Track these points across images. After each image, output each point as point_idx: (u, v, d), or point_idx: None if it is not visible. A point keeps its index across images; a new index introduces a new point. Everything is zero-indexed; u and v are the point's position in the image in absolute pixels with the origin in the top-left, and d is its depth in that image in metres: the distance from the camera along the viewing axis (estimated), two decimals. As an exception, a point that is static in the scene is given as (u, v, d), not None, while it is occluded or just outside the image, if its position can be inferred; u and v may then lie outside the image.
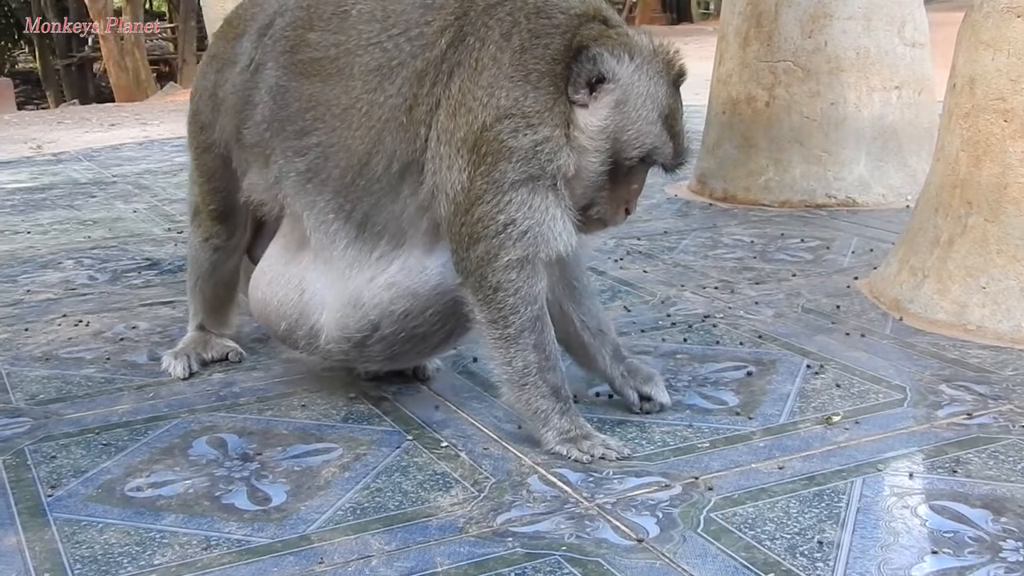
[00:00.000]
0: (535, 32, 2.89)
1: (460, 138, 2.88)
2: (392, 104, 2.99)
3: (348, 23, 3.12)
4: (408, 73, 2.97)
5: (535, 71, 2.87)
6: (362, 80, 3.04)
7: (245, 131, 3.31)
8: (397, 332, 3.09)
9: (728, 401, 3.31)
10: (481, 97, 2.86)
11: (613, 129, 2.88)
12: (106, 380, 3.67)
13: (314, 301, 3.22)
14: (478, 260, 2.90)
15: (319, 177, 3.13)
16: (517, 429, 3.11)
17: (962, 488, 2.70)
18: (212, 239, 3.69)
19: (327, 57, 3.12)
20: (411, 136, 2.97)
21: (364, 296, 3.09)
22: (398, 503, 2.71)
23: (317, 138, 3.12)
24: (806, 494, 2.69)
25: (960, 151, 4.01)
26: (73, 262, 5.44)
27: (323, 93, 3.11)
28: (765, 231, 5.56)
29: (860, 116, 6.10)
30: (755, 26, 6.29)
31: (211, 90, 3.48)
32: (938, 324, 3.92)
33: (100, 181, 8.19)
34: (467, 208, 2.88)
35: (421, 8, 3.03)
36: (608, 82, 2.86)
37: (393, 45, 3.02)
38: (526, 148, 2.84)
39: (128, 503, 2.76)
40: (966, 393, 3.31)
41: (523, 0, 2.95)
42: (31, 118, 15.70)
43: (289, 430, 3.20)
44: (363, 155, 3.03)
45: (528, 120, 2.84)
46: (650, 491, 2.72)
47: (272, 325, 3.37)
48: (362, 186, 3.06)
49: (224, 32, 3.54)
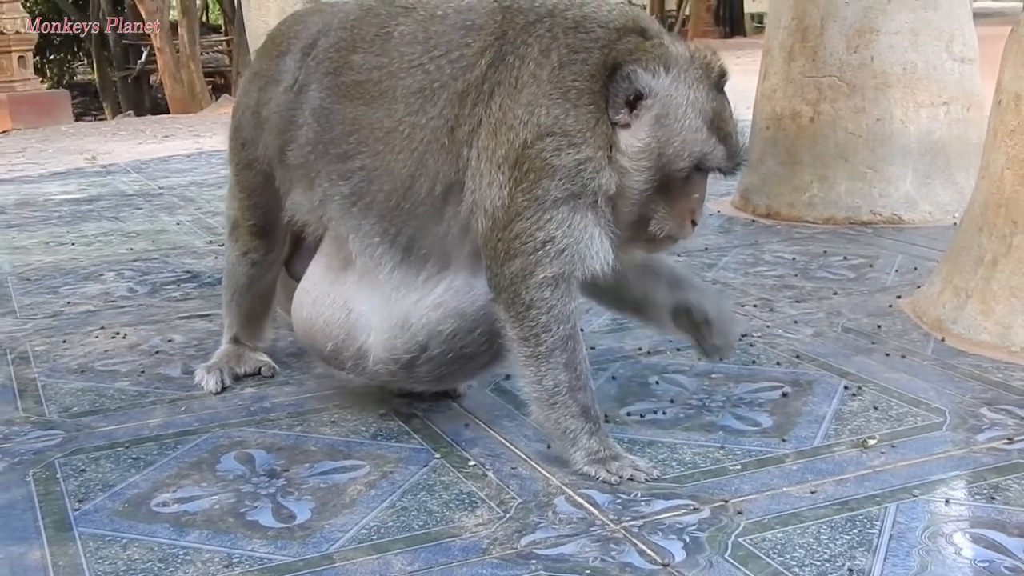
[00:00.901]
0: (573, 47, 2.89)
1: (501, 156, 2.87)
2: (434, 126, 2.98)
3: (390, 45, 3.11)
4: (449, 95, 2.97)
5: (574, 88, 2.86)
6: (404, 103, 3.03)
7: (289, 152, 3.30)
8: (445, 353, 3.07)
9: (762, 422, 3.26)
10: (521, 115, 2.86)
11: (656, 145, 2.85)
12: (139, 393, 3.69)
13: (360, 322, 3.20)
14: (512, 276, 2.88)
15: (363, 201, 3.12)
16: (546, 448, 3.08)
17: (1000, 516, 2.63)
18: (250, 253, 3.69)
19: (370, 80, 3.11)
20: (453, 157, 2.96)
21: (412, 317, 3.07)
22: (423, 522, 2.69)
23: (361, 161, 3.10)
24: (838, 520, 2.63)
25: (1005, 169, 3.93)
26: (114, 274, 5.48)
27: (366, 116, 3.10)
28: (808, 248, 5.49)
29: (907, 132, 6.01)
30: (800, 41, 6.23)
31: (254, 107, 3.48)
32: (981, 345, 3.84)
33: (147, 193, 8.26)
34: (505, 224, 2.87)
35: (462, 29, 3.02)
36: (646, 98, 2.84)
37: (435, 67, 3.01)
38: (569, 166, 2.82)
39: (154, 518, 2.76)
40: (1008, 417, 3.23)
41: (562, 16, 2.94)
42: (87, 129, 15.90)
43: (318, 446, 3.19)
44: (406, 178, 3.02)
45: (570, 139, 2.83)
46: (678, 514, 2.68)
47: (317, 345, 3.34)
48: (406, 209, 3.05)
49: (267, 49, 3.53)
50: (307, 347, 3.51)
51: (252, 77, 3.56)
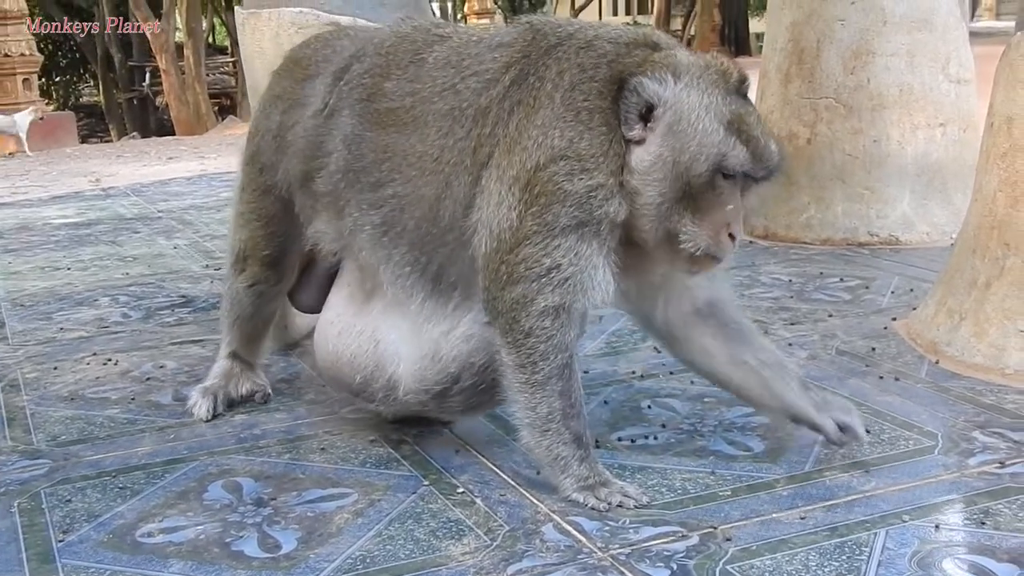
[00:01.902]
0: (583, 66, 2.86)
1: (512, 176, 2.84)
2: (460, 147, 2.95)
3: (424, 70, 3.09)
4: (475, 113, 2.94)
5: (585, 108, 2.82)
6: (436, 126, 2.99)
7: (318, 178, 3.23)
8: (477, 384, 3.04)
9: (754, 447, 3.24)
10: (536, 136, 2.82)
11: (670, 155, 2.78)
12: (128, 421, 3.67)
13: (390, 352, 3.16)
14: (513, 302, 2.85)
15: (395, 230, 3.07)
16: (536, 475, 3.06)
17: (990, 541, 2.61)
18: (258, 284, 3.62)
19: (403, 107, 3.08)
20: (474, 179, 2.92)
21: (443, 349, 3.04)
22: (409, 552, 2.67)
23: (393, 190, 3.06)
24: (827, 546, 2.61)
25: (998, 191, 3.92)
26: (109, 299, 5.48)
27: (399, 143, 3.05)
28: (804, 270, 5.47)
29: (903, 153, 6.00)
30: (797, 63, 6.23)
31: (275, 131, 3.39)
32: (975, 368, 3.82)
33: (145, 216, 8.27)
34: (512, 247, 2.82)
35: (493, 48, 3.01)
36: (657, 107, 2.78)
37: (465, 86, 2.98)
38: (580, 193, 2.78)
39: (138, 549, 2.74)
40: (1000, 440, 3.21)
41: (578, 37, 2.94)
42: (91, 151, 15.95)
43: (306, 474, 3.17)
44: (433, 202, 2.98)
45: (583, 164, 2.79)
46: (666, 541, 2.66)
47: (344, 378, 3.29)
48: (435, 235, 3.01)
49: (290, 72, 3.44)
50: (332, 380, 3.42)
51: (273, 100, 3.46)
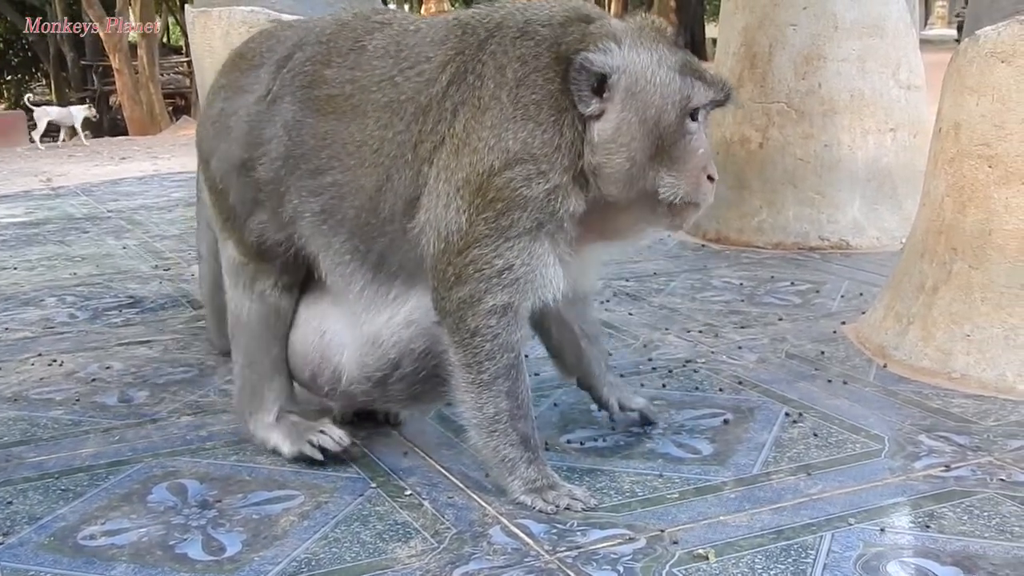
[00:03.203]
0: (523, 59, 2.83)
1: (462, 179, 2.81)
2: (400, 141, 2.93)
3: (363, 59, 3.07)
4: (414, 109, 2.93)
5: (533, 103, 2.79)
6: (375, 117, 2.98)
7: (259, 166, 3.16)
8: (417, 371, 3.04)
9: (702, 450, 3.25)
10: (487, 138, 2.79)
11: (634, 115, 2.77)
12: (73, 423, 3.62)
13: (335, 342, 3.15)
14: (460, 302, 2.84)
15: (335, 218, 3.05)
16: (484, 477, 3.04)
17: (934, 544, 2.62)
18: (282, 278, 3.25)
19: (342, 94, 3.06)
20: (414, 173, 2.91)
21: (383, 335, 3.04)
22: (355, 554, 2.65)
23: (332, 177, 3.04)
24: (773, 549, 2.62)
25: (945, 197, 3.95)
26: (55, 299, 5.41)
27: (338, 131, 3.03)
28: (756, 274, 5.50)
29: (854, 158, 6.05)
30: (749, 67, 6.26)
31: (215, 117, 3.29)
32: (922, 372, 3.85)
33: (95, 216, 8.18)
34: (460, 249, 2.81)
35: (430, 43, 2.99)
36: (611, 76, 2.76)
37: (403, 79, 2.97)
38: (539, 197, 2.78)
39: (79, 552, 2.70)
40: (946, 444, 3.23)
41: (508, 27, 2.90)
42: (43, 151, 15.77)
43: (252, 476, 3.14)
44: (373, 193, 2.97)
45: (539, 166, 2.77)
46: (613, 544, 2.65)
47: (298, 372, 3.27)
48: (375, 225, 3.00)
49: (236, 64, 3.36)
50: (295, 377, 3.33)
51: (216, 90, 3.35)
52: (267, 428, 3.27)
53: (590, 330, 3.40)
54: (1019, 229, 3.70)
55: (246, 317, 3.27)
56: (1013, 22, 3.71)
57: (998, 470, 3.04)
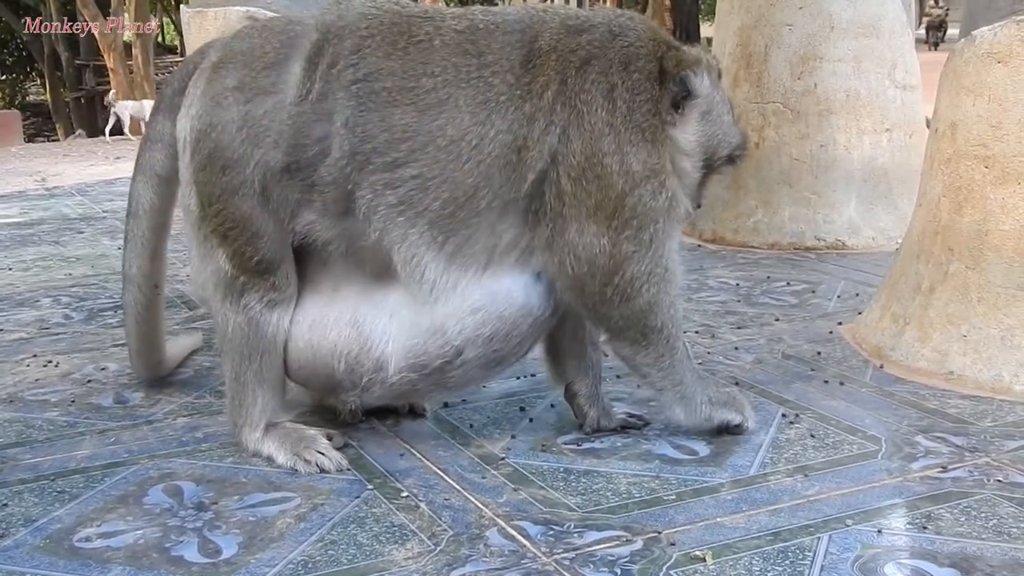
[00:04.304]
0: (634, 90, 3.07)
1: (593, 204, 3.02)
2: (502, 141, 3.02)
3: (435, 54, 3.07)
4: (517, 114, 3.03)
5: (648, 127, 3.08)
6: (470, 113, 3.02)
7: (316, 168, 3.07)
8: (479, 357, 3.12)
9: (699, 451, 3.24)
10: (611, 164, 3.02)
11: (705, 139, 3.19)
12: (68, 424, 3.61)
13: (376, 332, 3.15)
14: (638, 314, 3.12)
15: (414, 210, 3.05)
16: (481, 479, 3.04)
17: (931, 546, 2.62)
18: (269, 294, 3.18)
19: (420, 87, 3.05)
20: (518, 177, 3.04)
21: (449, 323, 3.08)
22: (351, 557, 2.64)
23: (415, 170, 3.03)
24: (770, 551, 2.61)
25: (942, 197, 3.95)
26: (51, 300, 5.40)
27: (422, 124, 3.03)
28: (752, 274, 5.50)
29: (850, 158, 6.06)
30: (745, 67, 6.26)
31: (241, 123, 3.11)
32: (919, 372, 3.85)
33: (90, 216, 8.17)
34: (612, 270, 3.05)
35: (520, 51, 3.08)
36: (694, 98, 3.15)
37: (500, 81, 3.04)
38: (665, 208, 3.08)
39: (75, 554, 2.69)
40: (943, 445, 3.23)
41: (607, 57, 3.09)
42: (37, 151, 15.76)
43: (249, 478, 3.13)
44: (469, 188, 3.03)
45: (659, 179, 3.07)
46: (610, 546, 2.65)
47: (324, 369, 3.21)
48: (462, 218, 3.05)
49: (244, 63, 3.17)
50: (308, 376, 3.30)
51: (226, 92, 3.14)
52: (258, 441, 3.26)
53: (596, 335, 3.45)
54: (1015, 229, 3.70)
55: (231, 331, 3.22)
56: (1009, 23, 3.71)
57: (995, 471, 3.04)
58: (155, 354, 3.91)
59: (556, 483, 3.02)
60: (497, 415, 3.58)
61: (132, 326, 3.79)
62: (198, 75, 3.26)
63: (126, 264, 3.74)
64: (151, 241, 3.69)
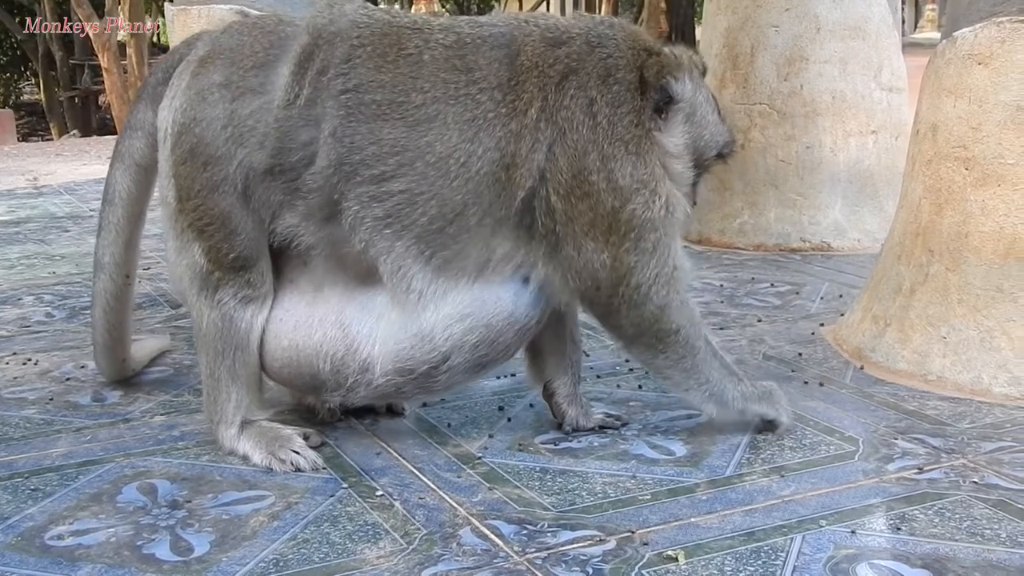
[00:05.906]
0: (614, 103, 3.05)
1: (587, 222, 3.02)
2: (490, 159, 3.01)
3: (425, 69, 3.06)
4: (504, 132, 3.02)
5: (632, 139, 3.05)
6: (458, 130, 3.01)
7: (300, 173, 3.07)
8: (465, 362, 3.12)
9: (676, 451, 3.24)
10: (597, 182, 3.01)
11: (691, 140, 3.18)
12: (45, 422, 3.59)
13: (362, 334, 3.14)
14: (651, 317, 3.12)
15: (400, 223, 3.05)
16: (456, 478, 3.04)
17: (904, 547, 2.62)
18: (243, 291, 3.17)
19: (409, 102, 3.04)
20: (508, 195, 3.03)
21: (436, 330, 3.08)
22: (323, 555, 2.63)
23: (403, 184, 3.03)
24: (743, 551, 2.61)
25: (922, 198, 3.95)
26: (33, 298, 5.38)
27: (410, 139, 3.02)
28: (736, 275, 5.50)
29: (836, 160, 6.06)
30: (731, 68, 6.26)
31: (224, 120, 3.10)
32: (899, 374, 3.85)
33: (77, 215, 8.14)
34: (617, 281, 3.06)
35: (506, 67, 3.06)
36: (676, 102, 3.13)
37: (488, 98, 3.03)
38: (660, 215, 3.07)
39: (46, 552, 2.68)
40: (919, 446, 3.23)
41: (587, 71, 3.07)
42: (30, 150, 15.69)
43: (224, 476, 3.12)
44: (458, 205, 3.02)
45: (651, 188, 3.05)
46: (583, 545, 2.64)
47: (308, 369, 3.20)
48: (450, 234, 3.04)
49: (231, 60, 3.15)
50: (291, 376, 3.28)
51: (212, 88, 3.12)
52: (232, 439, 3.24)
53: (576, 334, 3.47)
54: (995, 231, 3.70)
55: (206, 327, 3.21)
56: (989, 24, 3.72)
57: (971, 472, 3.04)
58: (120, 349, 3.87)
59: (532, 482, 3.02)
60: (476, 414, 3.57)
61: (99, 316, 3.76)
62: (183, 67, 3.25)
63: (99, 252, 3.73)
64: (126, 229, 3.69)
